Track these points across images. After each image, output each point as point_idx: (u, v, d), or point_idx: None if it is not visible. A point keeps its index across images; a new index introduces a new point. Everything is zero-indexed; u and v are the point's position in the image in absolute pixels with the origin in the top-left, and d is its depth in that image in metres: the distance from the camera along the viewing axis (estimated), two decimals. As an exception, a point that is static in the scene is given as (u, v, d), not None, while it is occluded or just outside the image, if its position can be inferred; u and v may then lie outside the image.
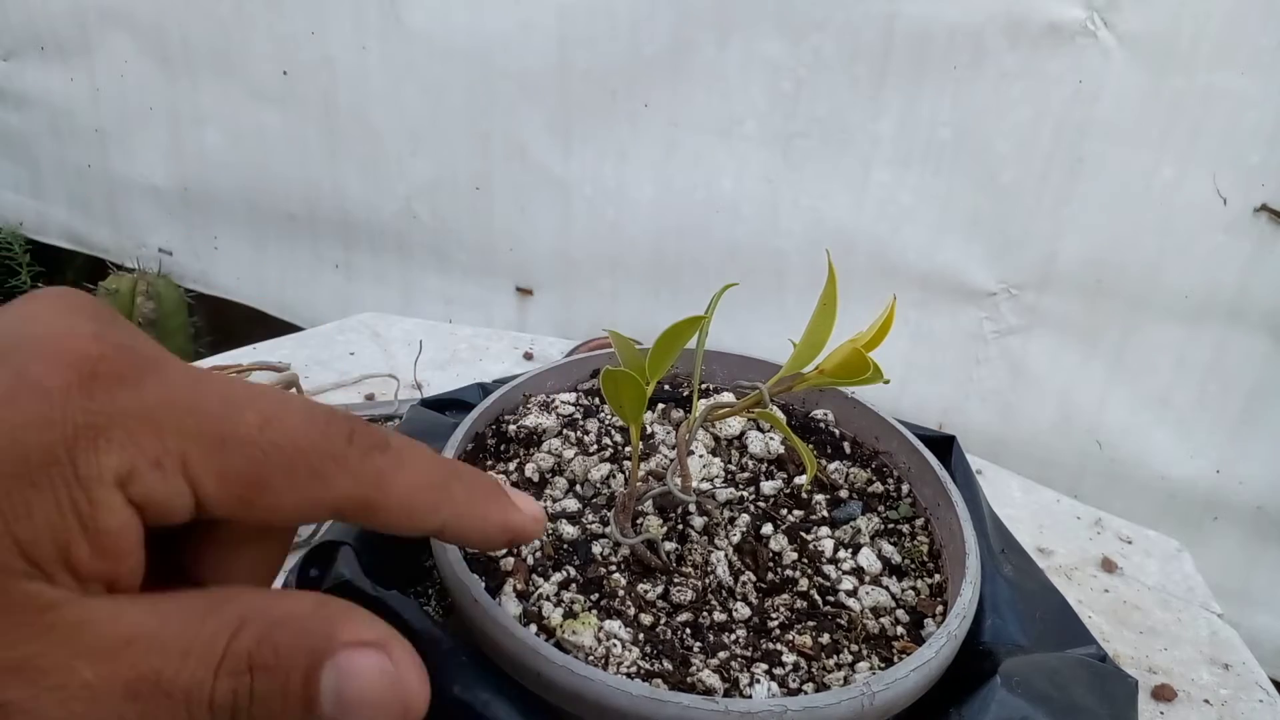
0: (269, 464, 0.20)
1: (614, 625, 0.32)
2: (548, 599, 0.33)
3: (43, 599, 0.18)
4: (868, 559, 0.38)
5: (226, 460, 0.20)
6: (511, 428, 0.44)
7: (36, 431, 0.18)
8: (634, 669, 0.31)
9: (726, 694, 0.30)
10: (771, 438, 0.44)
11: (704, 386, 0.50)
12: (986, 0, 0.84)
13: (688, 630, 0.33)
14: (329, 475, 0.21)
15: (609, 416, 0.45)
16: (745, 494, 0.41)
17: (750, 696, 0.30)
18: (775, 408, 0.41)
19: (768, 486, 0.41)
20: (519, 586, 0.34)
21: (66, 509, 0.18)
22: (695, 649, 0.33)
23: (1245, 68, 0.79)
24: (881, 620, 0.35)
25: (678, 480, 0.36)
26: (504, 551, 0.35)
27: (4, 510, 0.17)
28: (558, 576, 0.34)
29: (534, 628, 0.32)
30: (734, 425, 0.45)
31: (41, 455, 0.18)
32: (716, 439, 0.44)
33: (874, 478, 0.43)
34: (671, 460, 0.41)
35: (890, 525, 0.41)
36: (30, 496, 0.18)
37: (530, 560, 0.35)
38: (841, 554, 0.38)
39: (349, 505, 0.21)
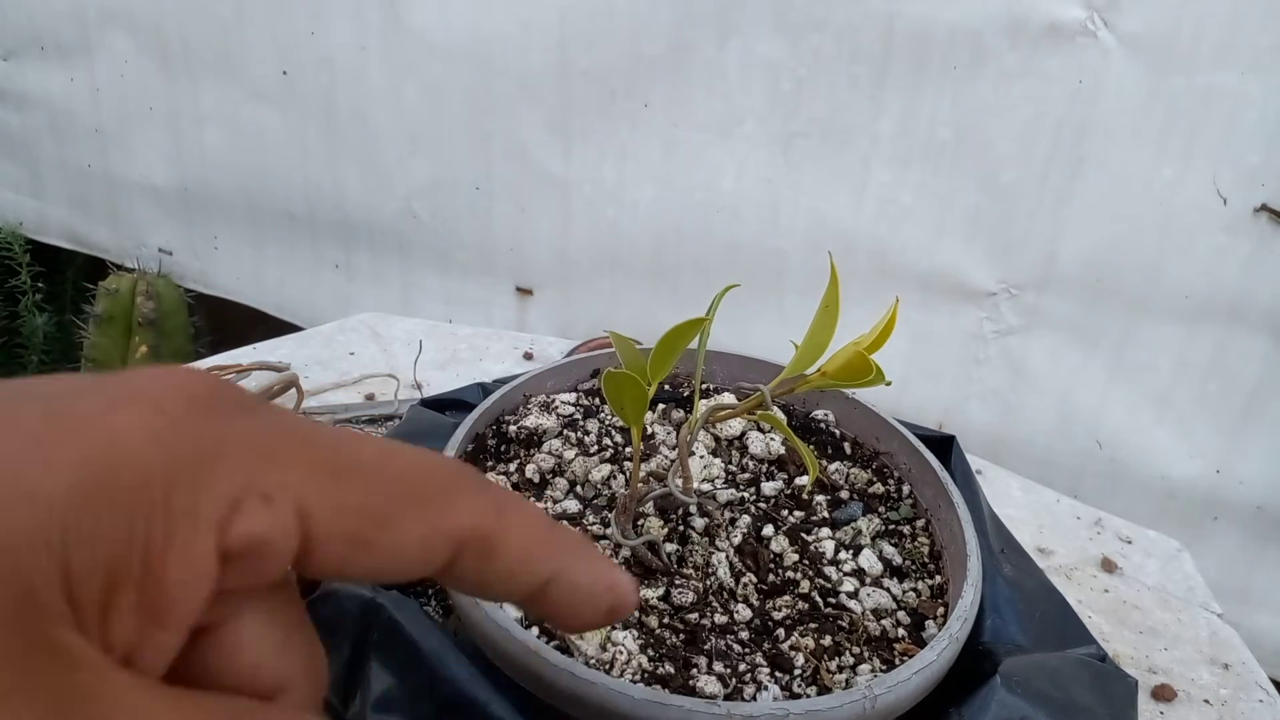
0: (391, 495, 0.18)
1: (618, 632, 0.32)
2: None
3: (68, 656, 0.14)
4: (869, 560, 0.38)
5: (346, 492, 0.17)
6: (512, 428, 0.44)
7: (138, 448, 0.15)
8: (637, 673, 0.31)
9: (729, 697, 0.30)
10: (772, 438, 0.44)
11: (705, 387, 0.50)
12: (986, 0, 0.84)
13: (689, 632, 0.33)
14: (450, 503, 0.19)
15: (609, 417, 0.45)
16: (746, 495, 0.41)
17: (753, 699, 0.30)
18: (776, 409, 0.41)
19: (768, 487, 0.41)
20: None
21: (138, 541, 0.15)
22: (697, 651, 0.33)
23: (1245, 68, 0.79)
24: (883, 622, 0.35)
25: (679, 481, 0.36)
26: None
27: (69, 527, 0.14)
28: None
29: (535, 630, 0.32)
30: (735, 426, 0.45)
31: (136, 476, 0.15)
32: (717, 440, 0.44)
33: (875, 478, 0.43)
34: (672, 461, 0.41)
35: (891, 526, 0.41)
36: (104, 519, 0.15)
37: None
38: (842, 555, 0.38)
39: (471, 539, 0.19)
